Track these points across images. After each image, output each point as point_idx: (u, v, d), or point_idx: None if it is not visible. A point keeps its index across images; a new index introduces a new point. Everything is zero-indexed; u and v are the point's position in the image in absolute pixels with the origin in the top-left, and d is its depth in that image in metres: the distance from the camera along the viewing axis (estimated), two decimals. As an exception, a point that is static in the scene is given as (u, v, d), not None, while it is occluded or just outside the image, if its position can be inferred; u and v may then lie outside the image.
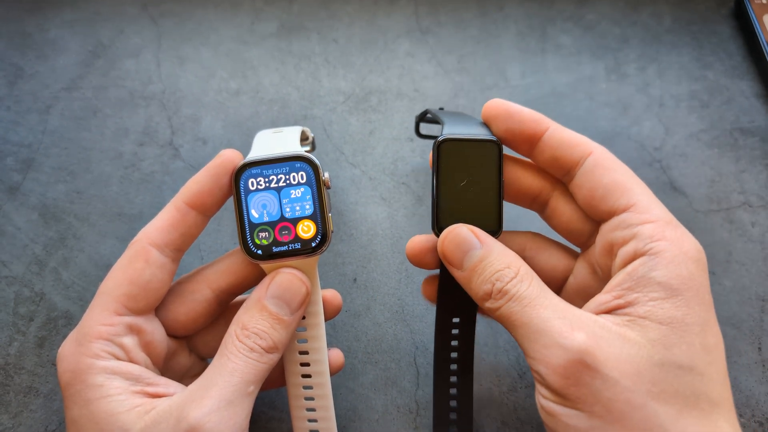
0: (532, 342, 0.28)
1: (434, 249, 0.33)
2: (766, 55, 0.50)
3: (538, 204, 0.35)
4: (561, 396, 0.27)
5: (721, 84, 0.51)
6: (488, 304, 0.30)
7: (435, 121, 0.45)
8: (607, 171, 0.31)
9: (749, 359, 0.40)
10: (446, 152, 0.32)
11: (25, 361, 0.41)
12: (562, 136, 0.32)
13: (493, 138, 0.32)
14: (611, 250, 0.30)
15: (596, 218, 0.32)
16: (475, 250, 0.30)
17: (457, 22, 0.55)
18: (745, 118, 0.49)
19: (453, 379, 0.35)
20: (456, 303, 0.34)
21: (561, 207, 0.34)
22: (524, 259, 0.34)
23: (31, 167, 0.48)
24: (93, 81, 0.52)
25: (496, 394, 0.40)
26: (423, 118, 0.46)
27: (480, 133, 0.33)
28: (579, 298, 0.33)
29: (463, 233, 0.31)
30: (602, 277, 0.32)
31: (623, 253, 0.29)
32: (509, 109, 0.33)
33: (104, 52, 0.53)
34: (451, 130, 0.33)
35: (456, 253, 0.31)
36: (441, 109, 0.46)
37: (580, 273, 0.34)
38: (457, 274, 0.31)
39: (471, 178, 0.32)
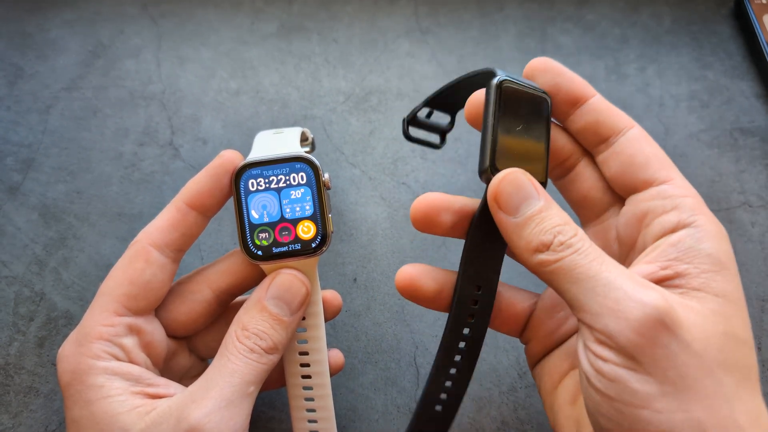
0: (600, 296, 0.25)
1: (449, 209, 0.31)
2: (766, 55, 0.50)
3: (563, 168, 0.34)
4: (631, 357, 0.24)
5: (721, 84, 0.51)
6: (544, 255, 0.27)
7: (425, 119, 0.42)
8: (649, 144, 0.31)
9: (749, 359, 0.40)
10: (506, 94, 0.30)
11: (25, 361, 0.41)
12: (609, 105, 0.32)
13: (545, 94, 0.32)
14: (643, 220, 0.29)
15: (627, 188, 0.31)
16: (535, 200, 0.28)
17: (457, 23, 0.55)
18: (745, 118, 0.49)
19: (456, 358, 0.32)
20: (482, 270, 0.31)
21: (588, 173, 0.33)
22: None
23: (31, 167, 0.48)
24: (93, 81, 0.52)
25: (496, 394, 0.40)
26: (413, 120, 0.41)
27: (533, 84, 0.32)
28: (547, 330, 0.33)
29: (523, 179, 0.28)
30: (618, 250, 0.31)
31: (663, 222, 0.28)
32: (558, 67, 0.32)
33: (104, 52, 0.53)
34: (506, 75, 0.31)
35: (514, 197, 0.28)
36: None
37: (545, 303, 0.33)
38: (505, 219, 0.28)
39: (525, 126, 0.30)
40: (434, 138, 0.42)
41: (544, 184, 0.31)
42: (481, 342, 0.32)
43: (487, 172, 0.29)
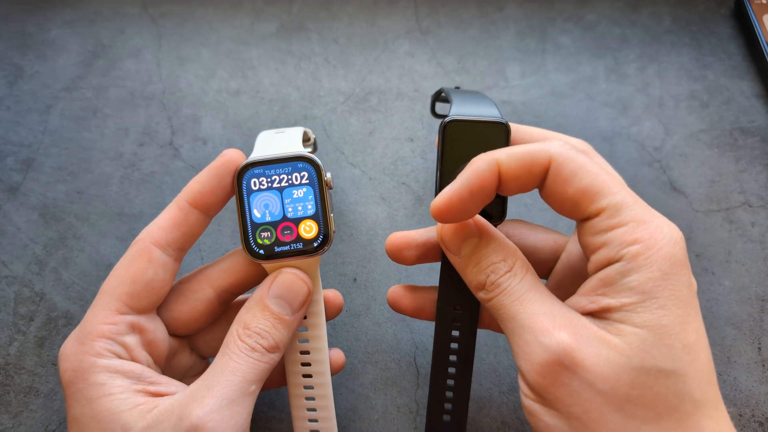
0: (517, 337, 0.28)
1: (413, 245, 0.34)
2: (765, 55, 0.50)
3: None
4: (540, 395, 0.27)
5: (720, 84, 0.51)
6: (481, 294, 0.30)
7: (447, 100, 0.44)
8: (568, 181, 0.28)
9: (749, 359, 0.40)
10: (452, 134, 0.31)
11: (26, 361, 0.41)
12: (516, 165, 0.28)
13: (501, 120, 0.32)
14: (585, 250, 0.29)
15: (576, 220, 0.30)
16: (473, 238, 0.30)
17: (457, 23, 0.55)
18: (744, 118, 0.49)
19: (451, 370, 0.34)
20: (458, 292, 0.33)
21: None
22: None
23: (31, 167, 0.48)
24: (93, 81, 0.52)
25: (496, 394, 0.40)
26: (438, 96, 0.44)
27: (489, 114, 0.32)
28: (570, 280, 0.33)
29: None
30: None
31: (595, 260, 0.28)
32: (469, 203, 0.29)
33: (104, 52, 0.53)
34: (459, 110, 0.32)
35: (454, 239, 0.31)
36: (457, 88, 0.44)
37: (573, 252, 0.33)
38: (453, 259, 0.31)
39: None
40: None
41: (500, 216, 0.32)
42: (471, 355, 0.34)
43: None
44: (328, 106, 0.51)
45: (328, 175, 0.33)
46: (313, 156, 0.32)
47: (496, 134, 0.32)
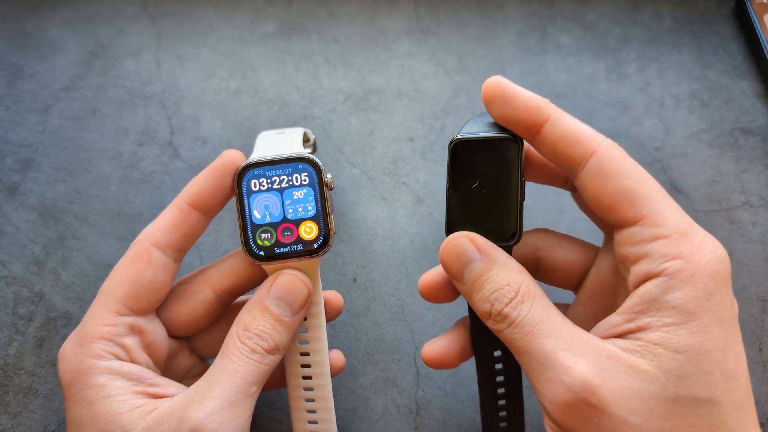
0: (536, 374, 0.26)
1: (449, 282, 0.31)
2: (766, 54, 0.50)
3: (570, 184, 0.33)
4: None
5: (721, 84, 0.51)
6: (490, 324, 0.28)
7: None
8: (611, 177, 0.27)
9: (749, 359, 0.40)
10: (459, 154, 0.30)
11: (25, 362, 0.41)
12: (564, 130, 0.28)
13: (512, 135, 0.30)
14: (623, 263, 0.28)
15: (604, 223, 0.30)
16: (475, 263, 0.28)
17: (457, 22, 0.55)
18: (745, 118, 0.49)
19: (502, 414, 0.34)
20: (490, 336, 0.31)
21: None
22: (538, 259, 0.33)
23: (31, 167, 0.48)
24: (92, 81, 0.52)
25: (497, 394, 0.40)
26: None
27: (498, 131, 0.30)
28: (600, 294, 0.31)
29: (462, 243, 0.29)
30: (624, 278, 0.30)
31: (636, 272, 0.27)
32: (505, 92, 0.29)
33: (104, 51, 0.53)
34: (469, 129, 0.31)
35: (456, 265, 0.29)
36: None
37: (602, 267, 0.32)
38: (459, 287, 0.30)
39: (485, 180, 0.30)
40: None
41: (515, 234, 0.30)
42: (519, 381, 0.34)
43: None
44: (328, 106, 0.51)
45: (329, 176, 0.32)
46: (313, 157, 0.32)
47: (508, 151, 0.30)
